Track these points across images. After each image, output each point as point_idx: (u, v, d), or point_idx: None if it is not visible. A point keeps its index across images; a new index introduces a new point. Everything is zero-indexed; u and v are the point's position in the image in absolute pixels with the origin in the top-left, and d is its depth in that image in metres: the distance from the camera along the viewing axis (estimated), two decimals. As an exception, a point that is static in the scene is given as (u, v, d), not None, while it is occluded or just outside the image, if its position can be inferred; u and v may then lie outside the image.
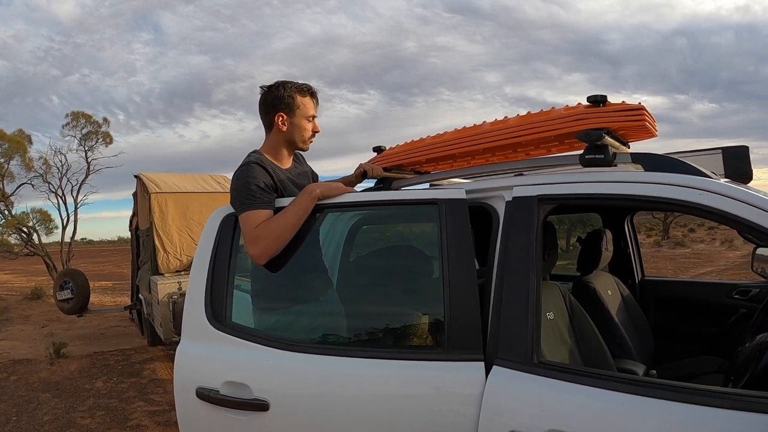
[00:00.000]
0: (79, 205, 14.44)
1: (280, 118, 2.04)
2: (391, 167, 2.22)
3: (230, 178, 2.04)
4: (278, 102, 2.03)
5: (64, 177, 14.32)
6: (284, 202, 1.92)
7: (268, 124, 2.08)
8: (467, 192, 1.73)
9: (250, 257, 1.84)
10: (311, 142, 2.14)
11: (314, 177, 2.33)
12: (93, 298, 9.13)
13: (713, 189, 1.42)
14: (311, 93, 2.08)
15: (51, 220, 14.43)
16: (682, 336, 3.06)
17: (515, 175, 1.91)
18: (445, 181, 2.29)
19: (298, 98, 2.04)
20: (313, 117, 2.10)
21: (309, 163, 2.35)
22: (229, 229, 1.92)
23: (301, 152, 2.24)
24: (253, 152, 2.05)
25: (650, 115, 1.69)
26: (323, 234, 2.18)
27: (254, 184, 1.87)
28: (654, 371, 2.20)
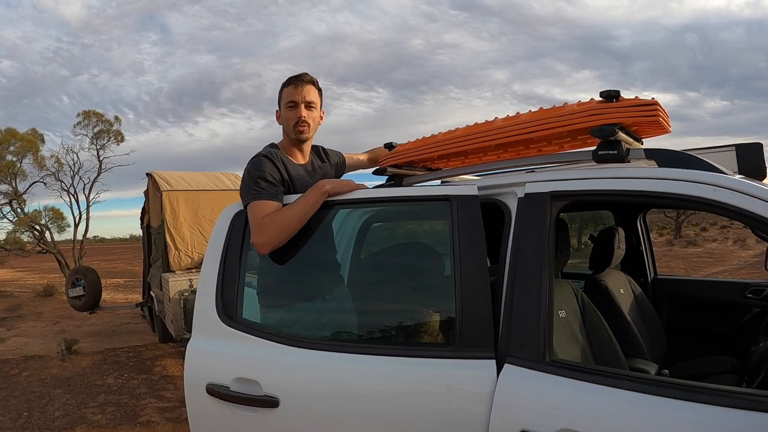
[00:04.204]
0: (91, 203, 14.62)
1: (277, 113, 2.15)
2: (402, 164, 2.22)
3: (241, 175, 2.07)
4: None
5: (76, 175, 14.52)
6: (293, 198, 1.92)
7: None
8: (479, 188, 1.72)
9: (254, 246, 1.85)
10: (301, 131, 2.07)
11: (341, 169, 2.39)
12: (105, 296, 9.21)
13: (728, 185, 1.40)
14: (290, 81, 2.09)
15: (63, 218, 14.62)
16: (695, 335, 3.03)
17: (527, 172, 1.90)
18: (456, 178, 2.28)
19: (283, 90, 2.12)
20: (293, 103, 2.07)
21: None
22: (240, 225, 1.93)
23: (323, 148, 2.29)
24: (268, 145, 2.12)
25: (664, 110, 1.66)
26: (334, 230, 2.18)
27: (261, 176, 1.91)
28: (666, 370, 2.17)
